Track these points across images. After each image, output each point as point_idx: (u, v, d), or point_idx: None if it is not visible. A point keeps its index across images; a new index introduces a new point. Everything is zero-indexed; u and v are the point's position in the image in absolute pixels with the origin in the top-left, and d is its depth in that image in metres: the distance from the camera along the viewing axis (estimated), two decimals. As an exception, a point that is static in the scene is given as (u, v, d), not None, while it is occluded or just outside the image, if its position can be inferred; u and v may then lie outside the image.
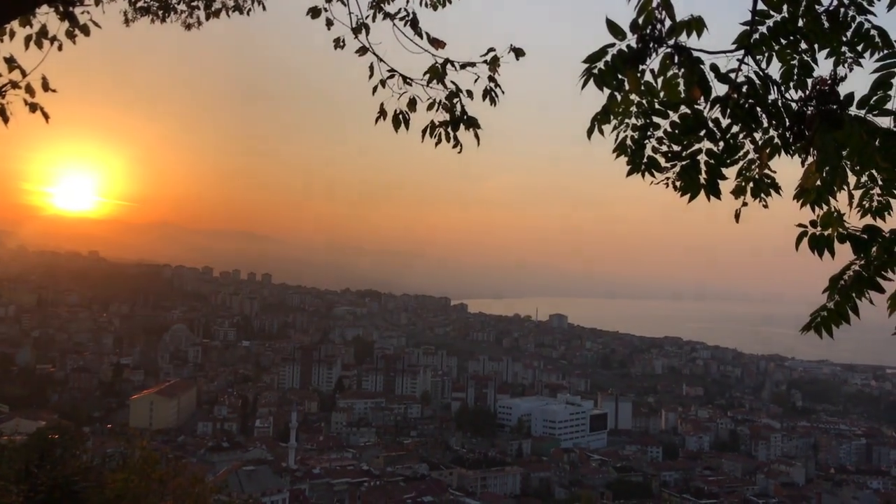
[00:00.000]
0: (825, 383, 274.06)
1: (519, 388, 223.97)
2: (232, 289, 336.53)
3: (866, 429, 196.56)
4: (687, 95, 4.04)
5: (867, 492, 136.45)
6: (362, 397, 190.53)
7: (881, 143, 4.13)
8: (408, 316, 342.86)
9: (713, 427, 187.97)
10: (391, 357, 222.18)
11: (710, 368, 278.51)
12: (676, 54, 4.00)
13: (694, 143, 4.17)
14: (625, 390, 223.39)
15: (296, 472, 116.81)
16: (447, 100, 5.56)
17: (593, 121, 4.32)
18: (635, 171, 4.35)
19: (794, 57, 4.42)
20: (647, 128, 4.23)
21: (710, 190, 4.21)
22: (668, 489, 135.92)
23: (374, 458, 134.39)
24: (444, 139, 5.62)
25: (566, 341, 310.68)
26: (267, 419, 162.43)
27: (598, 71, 4.19)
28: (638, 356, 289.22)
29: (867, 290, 4.28)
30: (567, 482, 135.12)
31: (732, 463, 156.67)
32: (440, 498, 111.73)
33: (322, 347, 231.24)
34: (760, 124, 4.18)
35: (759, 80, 4.08)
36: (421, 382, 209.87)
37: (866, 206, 4.65)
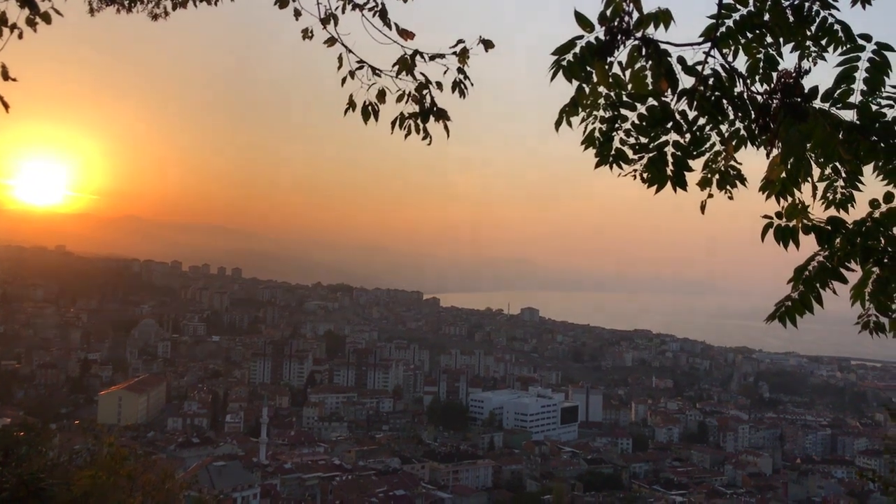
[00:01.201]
0: (791, 375, 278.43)
1: (491, 382, 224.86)
2: (202, 283, 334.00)
3: (831, 419, 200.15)
4: (654, 88, 4.07)
5: (832, 481, 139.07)
6: (334, 392, 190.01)
7: (845, 135, 4.19)
8: (380, 310, 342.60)
9: (682, 419, 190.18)
10: (363, 351, 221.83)
11: (679, 361, 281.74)
12: (644, 47, 4.02)
13: (661, 136, 4.20)
14: (595, 383, 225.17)
15: (267, 468, 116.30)
16: (417, 91, 5.54)
17: (561, 112, 4.33)
18: (603, 163, 4.37)
19: (760, 50, 4.46)
20: (615, 120, 4.26)
21: (676, 181, 4.24)
22: (638, 481, 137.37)
23: (345, 452, 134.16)
24: (414, 131, 5.60)
25: (538, 335, 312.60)
26: (237, 414, 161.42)
27: (566, 63, 4.20)
28: (608, 349, 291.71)
29: (831, 280, 4.34)
30: (538, 474, 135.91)
31: (701, 454, 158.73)
32: (412, 492, 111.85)
33: (293, 342, 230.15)
34: (727, 116, 4.22)
35: (726, 73, 4.12)
36: (393, 376, 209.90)
37: (830, 198, 4.72)
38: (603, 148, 4.33)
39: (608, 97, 4.24)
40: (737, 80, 4.15)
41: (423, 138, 5.61)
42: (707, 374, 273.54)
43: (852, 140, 4.21)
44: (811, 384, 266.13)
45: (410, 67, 5.45)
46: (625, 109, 4.21)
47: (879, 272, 4.35)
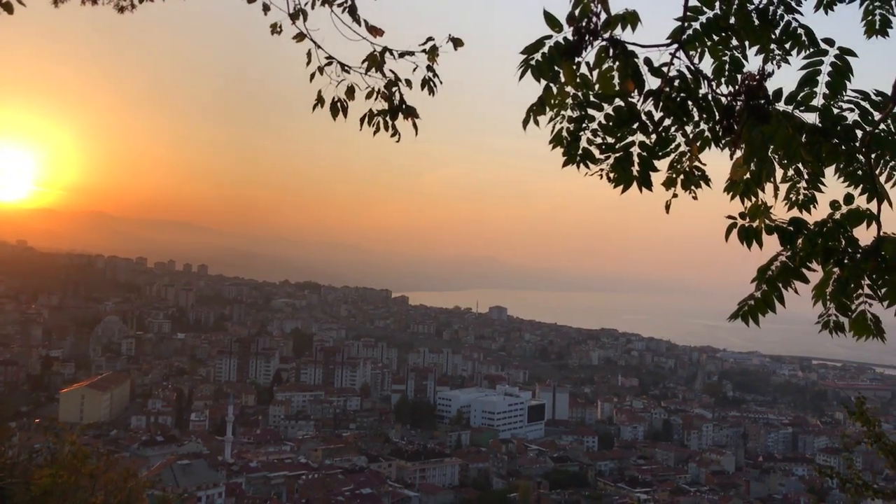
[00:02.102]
0: (754, 374, 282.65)
1: (458, 380, 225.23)
2: (167, 280, 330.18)
3: (793, 418, 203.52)
4: (621, 88, 4.10)
5: (792, 478, 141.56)
6: (301, 390, 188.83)
7: (807, 138, 4.27)
8: (348, 308, 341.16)
9: (647, 417, 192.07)
10: (330, 349, 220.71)
11: (644, 359, 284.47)
12: (611, 47, 4.05)
13: (627, 136, 4.24)
14: (562, 381, 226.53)
15: (232, 466, 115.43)
16: (386, 88, 5.53)
17: (529, 111, 4.35)
18: (571, 163, 4.39)
19: (726, 53, 4.52)
20: (583, 120, 4.28)
21: (642, 182, 4.28)
22: (603, 479, 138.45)
23: (312, 450, 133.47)
24: (383, 128, 5.59)
25: (505, 333, 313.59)
26: (203, 412, 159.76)
27: (535, 62, 4.22)
28: (575, 348, 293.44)
29: (793, 280, 4.41)
30: (505, 473, 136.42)
31: (665, 452, 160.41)
32: (379, 490, 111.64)
33: (260, 340, 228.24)
34: (692, 118, 4.27)
35: (691, 75, 4.17)
36: (360, 375, 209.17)
37: (793, 199, 4.81)
38: (570, 147, 4.36)
39: (576, 97, 4.26)
40: (702, 81, 4.20)
41: (392, 135, 5.61)
42: (672, 372, 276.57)
43: (814, 142, 4.28)
44: (773, 383, 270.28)
45: (380, 64, 5.44)
46: (592, 109, 4.24)
47: (840, 273, 4.43)
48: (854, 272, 4.38)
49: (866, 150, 4.42)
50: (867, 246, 4.38)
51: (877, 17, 5.11)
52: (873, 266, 4.36)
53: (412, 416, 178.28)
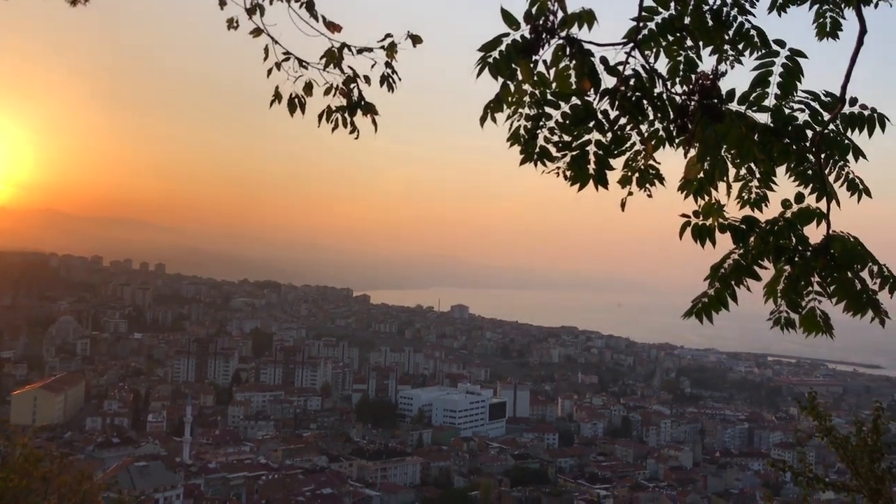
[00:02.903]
0: (712, 371, 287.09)
1: (420, 379, 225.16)
2: (123, 279, 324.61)
3: (749, 414, 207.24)
4: (578, 87, 4.13)
5: (748, 473, 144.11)
6: (260, 390, 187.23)
7: (759, 137, 4.34)
8: (308, 307, 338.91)
9: (607, 414, 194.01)
10: (290, 349, 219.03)
11: (604, 357, 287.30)
12: (568, 46, 4.08)
13: (584, 134, 4.27)
14: (523, 379, 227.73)
15: (191, 467, 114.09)
16: (344, 85, 5.49)
17: (486, 108, 4.36)
18: (528, 161, 4.41)
19: (681, 53, 4.57)
20: (540, 118, 4.30)
21: (598, 180, 4.32)
22: (563, 475, 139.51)
23: (272, 451, 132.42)
24: (342, 124, 5.56)
25: (467, 331, 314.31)
26: (160, 413, 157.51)
27: (492, 60, 4.22)
28: (536, 345, 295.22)
29: (745, 278, 4.48)
30: (466, 471, 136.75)
31: (625, 448, 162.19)
32: (339, 490, 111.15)
33: (218, 339, 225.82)
34: (647, 116, 4.31)
35: (646, 74, 4.21)
36: (321, 374, 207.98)
37: (745, 198, 4.88)
38: (528, 145, 4.37)
39: (533, 95, 4.28)
40: (656, 81, 4.25)
41: (351, 132, 5.57)
42: (631, 370, 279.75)
43: (766, 142, 4.36)
44: (730, 380, 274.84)
45: (338, 60, 5.40)
46: (549, 108, 4.26)
47: (791, 270, 4.51)
48: (804, 270, 4.47)
49: (816, 149, 4.51)
50: (817, 244, 4.47)
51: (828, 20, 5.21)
52: (823, 264, 4.45)
53: (373, 416, 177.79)
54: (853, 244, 4.40)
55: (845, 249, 4.39)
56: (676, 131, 4.29)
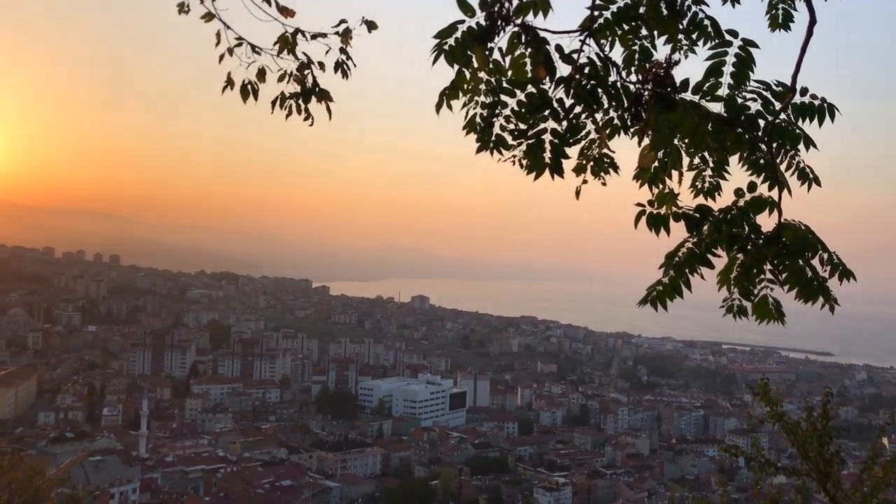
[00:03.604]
0: (668, 359, 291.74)
1: (380, 370, 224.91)
2: (76, 271, 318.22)
3: (704, 401, 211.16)
4: (533, 75, 4.11)
5: (704, 459, 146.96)
6: (218, 383, 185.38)
7: (713, 126, 4.37)
8: (267, 299, 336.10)
9: (565, 402, 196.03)
10: (249, 341, 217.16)
11: (563, 346, 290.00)
12: (523, 34, 4.06)
13: (539, 122, 4.26)
14: (483, 369, 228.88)
15: (147, 461, 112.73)
16: (298, 71, 5.41)
17: (441, 95, 4.33)
18: (484, 149, 4.39)
19: (636, 42, 4.58)
20: (495, 106, 4.28)
21: (553, 168, 4.31)
22: (523, 463, 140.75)
23: (230, 443, 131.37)
24: (296, 111, 5.48)
25: (428, 322, 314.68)
26: (116, 407, 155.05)
27: (448, 47, 4.19)
28: (496, 335, 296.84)
29: (699, 266, 4.52)
30: (426, 461, 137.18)
31: (583, 436, 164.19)
32: (299, 482, 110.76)
33: (175, 332, 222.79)
34: (601, 105, 4.31)
35: (601, 62, 4.21)
36: (280, 366, 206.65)
37: (699, 187, 4.92)
38: (483, 133, 4.35)
39: (488, 83, 4.26)
40: (611, 69, 4.25)
41: (305, 119, 5.50)
42: (589, 358, 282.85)
43: (719, 131, 4.40)
44: (686, 367, 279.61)
45: (292, 46, 5.31)
46: (505, 95, 4.24)
47: (744, 258, 4.56)
48: (757, 258, 4.53)
49: (768, 139, 4.57)
50: (769, 232, 4.52)
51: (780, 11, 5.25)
52: (775, 252, 4.51)
53: (333, 407, 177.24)
54: (804, 232, 4.47)
55: (796, 237, 4.45)
56: (630, 120, 4.30)
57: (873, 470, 10.02)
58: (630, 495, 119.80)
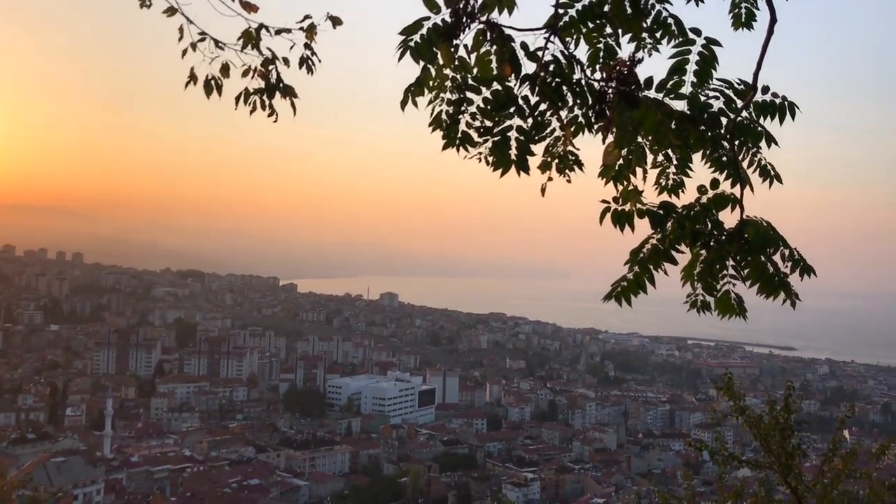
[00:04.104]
0: (634, 354, 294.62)
1: (349, 368, 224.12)
2: (38, 269, 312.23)
3: (670, 395, 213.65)
4: (499, 72, 4.12)
5: (670, 453, 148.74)
6: (184, 381, 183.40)
7: (676, 124, 4.42)
8: (233, 296, 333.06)
9: (534, 398, 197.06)
10: (215, 339, 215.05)
11: (531, 342, 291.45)
12: (489, 31, 4.06)
13: (505, 120, 4.27)
14: (452, 365, 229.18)
15: (112, 462, 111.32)
16: (263, 66, 5.36)
17: (406, 92, 4.32)
18: (450, 146, 4.39)
19: (601, 40, 4.61)
20: (461, 102, 4.28)
21: (519, 165, 4.33)
22: (492, 459, 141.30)
23: (197, 443, 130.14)
24: (260, 107, 5.43)
25: (397, 319, 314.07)
26: (79, 407, 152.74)
27: (413, 44, 4.18)
28: (465, 332, 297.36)
29: (663, 262, 4.57)
30: (395, 458, 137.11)
31: (551, 432, 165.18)
32: (267, 480, 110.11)
33: (140, 330, 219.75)
34: (566, 102, 4.34)
35: (565, 60, 4.23)
36: (247, 364, 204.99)
37: (663, 184, 4.98)
38: (449, 130, 4.35)
39: (454, 80, 4.26)
40: (575, 67, 4.28)
41: (270, 115, 5.45)
42: (557, 354, 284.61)
43: (682, 129, 4.44)
44: (652, 363, 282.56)
45: (255, 41, 5.26)
46: (470, 93, 4.24)
47: (706, 254, 4.62)
48: (719, 254, 4.59)
49: (730, 136, 4.63)
50: (732, 229, 4.58)
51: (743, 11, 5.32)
52: (737, 248, 4.57)
53: (301, 405, 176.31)
54: (766, 228, 4.53)
55: (758, 234, 4.52)
56: (595, 117, 4.33)
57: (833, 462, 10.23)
58: (598, 490, 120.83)
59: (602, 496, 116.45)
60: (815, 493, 9.95)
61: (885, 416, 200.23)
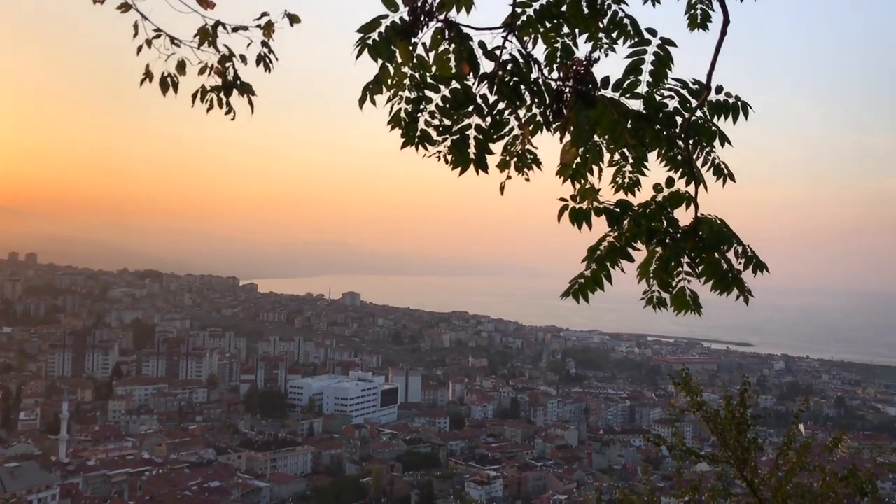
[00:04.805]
0: (595, 351, 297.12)
1: (311, 368, 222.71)
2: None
3: (630, 392, 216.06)
4: (457, 71, 4.13)
5: (630, 449, 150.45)
6: (143, 383, 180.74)
7: (632, 123, 4.47)
8: (192, 297, 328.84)
9: (496, 396, 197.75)
10: (174, 340, 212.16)
11: (493, 340, 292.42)
12: (447, 29, 4.07)
13: (464, 118, 4.28)
14: (415, 364, 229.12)
15: (67, 466, 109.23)
16: (220, 64, 5.31)
17: (365, 90, 4.31)
18: (409, 144, 4.40)
19: (558, 40, 4.65)
20: (420, 101, 4.29)
21: (478, 164, 4.35)
22: (454, 458, 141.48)
23: (156, 445, 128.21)
24: (217, 105, 5.38)
25: (359, 319, 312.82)
26: (33, 411, 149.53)
27: (372, 42, 4.18)
28: (427, 331, 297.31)
29: (620, 259, 4.63)
30: (358, 458, 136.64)
31: (513, 429, 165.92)
32: (228, 482, 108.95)
33: (97, 332, 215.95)
34: (524, 101, 4.37)
35: (523, 59, 4.26)
36: (207, 366, 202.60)
37: (619, 182, 5.04)
38: (408, 129, 4.36)
39: (413, 78, 4.26)
40: (532, 66, 4.31)
41: (227, 113, 5.40)
42: (519, 352, 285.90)
43: (638, 128, 4.50)
44: (612, 360, 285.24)
45: (212, 39, 5.21)
46: (429, 91, 4.25)
47: (662, 251, 4.69)
48: (675, 251, 4.66)
49: (685, 136, 4.70)
50: (686, 226, 4.66)
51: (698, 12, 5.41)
52: (692, 245, 4.64)
53: (262, 406, 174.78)
54: (720, 226, 4.61)
55: (712, 231, 4.60)
56: (552, 116, 4.37)
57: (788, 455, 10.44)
58: (559, 486, 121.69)
59: (564, 493, 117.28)
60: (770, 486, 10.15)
61: (839, 410, 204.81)
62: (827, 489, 10.25)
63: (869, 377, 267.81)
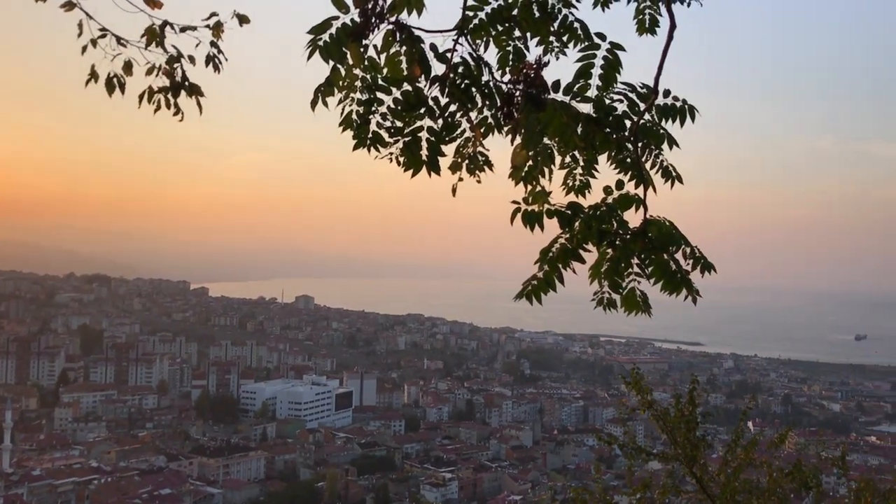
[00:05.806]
0: (549, 352, 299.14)
1: (264, 372, 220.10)
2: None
3: (584, 392, 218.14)
4: (409, 73, 4.14)
5: (584, 448, 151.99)
6: (90, 390, 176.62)
7: (582, 126, 4.53)
8: (142, 301, 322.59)
9: (451, 398, 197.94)
10: (123, 346, 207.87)
11: (449, 342, 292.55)
12: (398, 31, 4.08)
13: (415, 120, 4.29)
14: (370, 368, 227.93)
15: (11, 476, 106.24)
16: (168, 64, 5.23)
17: (316, 92, 4.30)
18: (361, 146, 4.39)
19: (510, 43, 4.69)
20: (372, 103, 4.29)
21: (430, 166, 4.36)
22: (410, 461, 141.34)
23: (105, 453, 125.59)
24: (165, 106, 5.29)
25: (312, 322, 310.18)
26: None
27: (323, 43, 4.16)
28: (383, 334, 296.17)
29: (571, 261, 4.68)
30: (312, 462, 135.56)
31: (469, 431, 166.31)
32: (179, 489, 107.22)
33: (42, 338, 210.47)
34: (475, 104, 4.40)
35: (474, 62, 4.28)
36: (157, 371, 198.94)
37: (570, 185, 5.10)
38: (360, 130, 4.35)
39: (364, 80, 4.26)
40: (483, 69, 4.34)
41: (175, 114, 5.33)
42: (474, 353, 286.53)
43: (588, 131, 4.56)
44: (566, 360, 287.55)
45: (160, 39, 5.12)
46: (381, 93, 4.25)
47: (612, 253, 4.76)
48: (624, 252, 4.73)
49: (634, 139, 4.78)
50: (636, 228, 4.74)
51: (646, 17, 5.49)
52: (641, 246, 4.72)
53: (214, 412, 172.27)
54: (668, 228, 4.70)
55: (661, 233, 4.68)
56: (503, 119, 4.40)
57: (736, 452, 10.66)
58: (515, 487, 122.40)
59: (519, 493, 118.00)
60: (719, 483, 10.34)
61: (786, 407, 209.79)
62: (773, 484, 10.49)
63: (814, 375, 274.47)
